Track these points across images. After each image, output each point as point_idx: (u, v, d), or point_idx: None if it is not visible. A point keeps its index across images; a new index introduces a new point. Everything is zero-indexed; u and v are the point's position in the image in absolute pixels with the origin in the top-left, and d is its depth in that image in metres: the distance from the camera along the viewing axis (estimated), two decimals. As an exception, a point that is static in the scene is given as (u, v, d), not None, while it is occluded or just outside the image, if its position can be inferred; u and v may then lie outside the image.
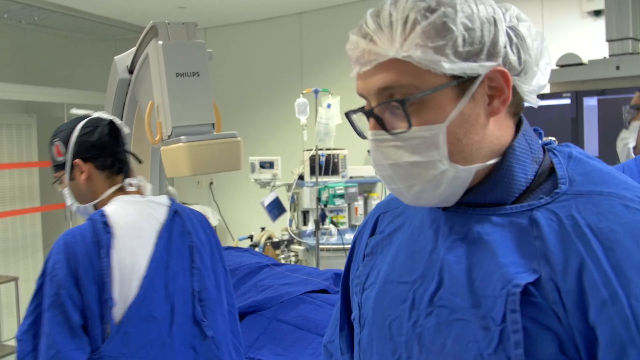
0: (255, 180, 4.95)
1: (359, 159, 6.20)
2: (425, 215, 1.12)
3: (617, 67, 3.30)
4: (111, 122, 2.23)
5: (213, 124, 3.03)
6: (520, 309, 0.90)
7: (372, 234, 1.24)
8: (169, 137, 2.90)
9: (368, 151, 5.49)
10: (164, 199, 2.27)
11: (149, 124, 2.96)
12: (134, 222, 2.06)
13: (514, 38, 1.02)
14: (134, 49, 3.25)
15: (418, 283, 1.05)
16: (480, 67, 0.98)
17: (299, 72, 6.86)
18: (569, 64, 3.59)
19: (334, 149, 4.90)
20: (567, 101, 3.45)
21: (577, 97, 3.41)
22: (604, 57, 3.42)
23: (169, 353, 1.99)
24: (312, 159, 4.97)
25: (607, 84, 3.37)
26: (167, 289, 2.04)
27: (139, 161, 2.41)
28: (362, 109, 1.07)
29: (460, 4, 0.98)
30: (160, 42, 2.90)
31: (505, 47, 1.01)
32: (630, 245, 0.87)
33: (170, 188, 4.00)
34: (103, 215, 2.00)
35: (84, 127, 2.13)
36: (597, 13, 5.13)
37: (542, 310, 0.90)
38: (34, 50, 6.91)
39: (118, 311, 1.93)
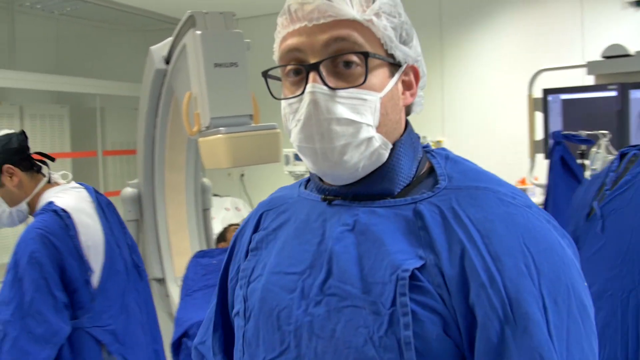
0: (290, 172, 4.91)
1: (393, 151, 6.15)
2: (311, 210, 1.14)
3: (667, 59, 3.23)
4: (22, 132, 2.44)
5: (251, 115, 2.99)
6: (408, 293, 0.95)
7: (255, 231, 1.25)
8: (207, 128, 2.87)
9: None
10: (74, 184, 2.54)
11: (187, 115, 2.93)
12: (78, 204, 2.40)
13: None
14: (170, 39, 3.22)
15: (307, 273, 1.07)
16: (408, 57, 1.10)
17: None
18: (614, 55, 3.50)
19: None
20: (613, 93, 3.36)
21: (623, 89, 3.33)
22: (652, 49, 3.35)
23: (130, 295, 2.49)
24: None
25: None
26: (118, 247, 2.49)
27: (52, 160, 2.56)
28: (299, 64, 1.06)
29: None
30: (199, 32, 2.87)
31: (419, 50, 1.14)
32: (504, 232, 0.95)
33: (205, 180, 3.98)
34: (57, 205, 2.31)
35: (0, 139, 2.35)
36: (639, 3, 5.01)
37: (428, 293, 0.95)
38: (65, 41, 6.93)
39: (95, 276, 2.35)
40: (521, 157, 4.84)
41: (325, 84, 1.02)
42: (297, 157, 4.88)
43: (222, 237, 3.86)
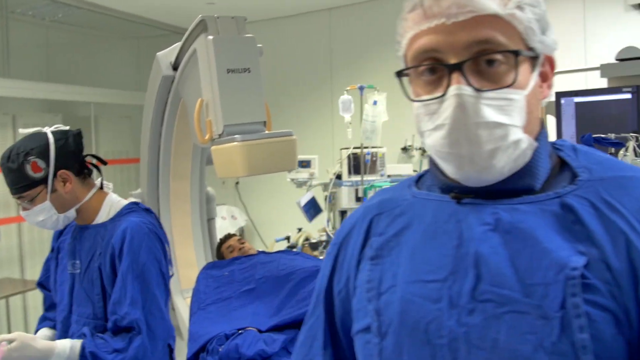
0: (292, 179, 4.82)
1: (394, 157, 6.08)
2: (437, 210, 1.06)
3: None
4: (79, 131, 2.31)
5: (264, 122, 2.91)
6: (580, 293, 0.89)
7: (367, 238, 1.15)
8: (220, 136, 2.79)
9: (403, 149, 5.29)
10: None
11: (199, 122, 2.85)
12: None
13: None
14: (178, 44, 3.14)
15: (450, 280, 0.99)
16: (547, 47, 1.02)
17: (328, 68, 6.74)
18: (629, 57, 3.46)
19: (372, 147, 4.77)
20: (628, 96, 3.33)
21: (639, 92, 3.29)
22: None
23: None
24: (350, 158, 4.84)
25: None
26: None
27: (104, 163, 2.45)
28: (440, 63, 0.98)
29: None
30: (211, 37, 2.79)
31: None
32: None
33: (209, 188, 3.90)
34: (149, 210, 2.35)
35: (56, 140, 2.19)
36: (642, 6, 5.00)
37: (598, 291, 0.89)
38: (56, 48, 6.81)
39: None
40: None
41: (470, 85, 0.95)
42: (299, 164, 4.79)
43: (219, 255, 3.75)
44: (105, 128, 6.65)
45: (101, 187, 2.35)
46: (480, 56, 0.96)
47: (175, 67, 3.19)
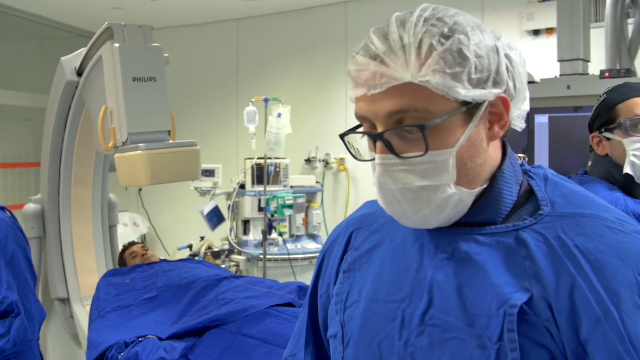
0: (196, 188, 4.83)
1: (297, 168, 6.17)
2: (407, 233, 1.11)
3: (568, 87, 3.38)
4: None
5: (169, 132, 2.93)
6: (516, 329, 0.93)
7: (346, 250, 1.22)
8: (124, 143, 2.79)
9: (307, 160, 5.35)
10: None
11: (102, 130, 2.83)
12: None
13: (509, 66, 1.05)
14: (83, 49, 3.11)
15: (406, 302, 1.05)
16: (488, 93, 1.00)
17: (234, 79, 6.77)
18: (521, 80, 3.65)
19: (275, 158, 4.84)
20: (518, 117, 3.51)
21: (529, 114, 3.46)
22: (555, 77, 3.49)
23: None
24: (254, 168, 4.90)
25: (557, 102, 3.44)
26: None
27: None
28: (365, 132, 1.04)
29: (470, 31, 0.99)
30: (117, 45, 2.78)
31: (506, 75, 1.04)
32: (617, 264, 0.92)
33: (111, 195, 3.86)
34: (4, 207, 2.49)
35: None
36: (536, 32, 5.26)
37: (536, 328, 0.93)
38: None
39: None
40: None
41: (393, 152, 1.00)
42: (202, 173, 4.81)
43: (121, 261, 3.74)
44: (5, 130, 6.46)
45: None
46: (397, 127, 0.99)
47: (79, 73, 3.16)
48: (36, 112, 6.18)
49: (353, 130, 1.07)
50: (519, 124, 1.10)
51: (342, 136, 1.08)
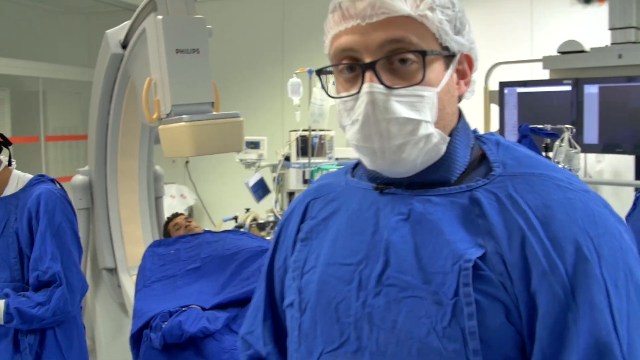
0: (241, 160, 4.85)
1: (343, 141, 6.14)
2: (362, 198, 1.14)
3: (620, 56, 3.30)
4: None
5: (212, 103, 2.94)
6: (471, 283, 0.95)
7: (302, 220, 1.24)
8: (168, 115, 2.81)
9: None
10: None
11: (147, 102, 2.86)
12: None
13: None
14: (127, 22, 3.13)
15: (363, 264, 1.07)
16: (464, 45, 1.07)
17: (280, 50, 6.75)
18: (570, 50, 3.57)
19: (319, 130, 4.82)
20: (568, 88, 3.43)
21: (578, 84, 3.39)
22: (606, 45, 3.41)
23: None
24: (299, 140, 4.89)
25: (608, 72, 3.36)
26: None
27: (9, 143, 2.63)
28: (357, 63, 1.04)
29: None
30: (160, 17, 2.79)
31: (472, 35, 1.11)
32: (563, 218, 0.95)
33: (157, 167, 3.90)
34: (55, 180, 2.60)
35: None
36: (587, 0, 5.13)
37: (490, 282, 0.95)
38: (5, 22, 6.69)
39: None
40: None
41: (382, 83, 1.00)
42: (247, 145, 4.82)
43: (166, 232, 3.78)
44: (54, 104, 6.57)
45: (9, 164, 2.56)
46: (392, 55, 1.01)
47: (124, 46, 3.19)
48: (85, 85, 6.25)
49: (339, 63, 1.06)
50: (468, 95, 1.15)
51: (318, 73, 1.13)
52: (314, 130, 4.66)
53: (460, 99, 1.14)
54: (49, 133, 6.50)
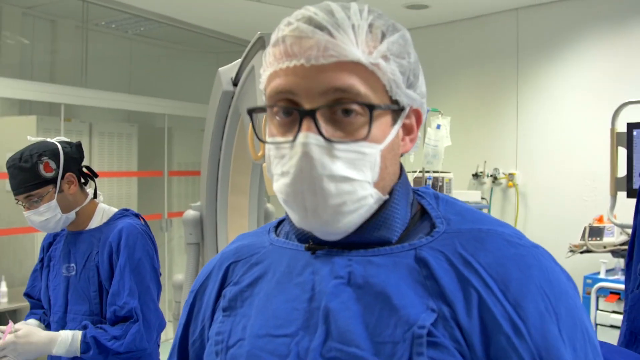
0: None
1: (464, 184, 5.97)
2: (292, 260, 1.02)
3: None
4: (79, 143, 2.54)
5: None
6: (425, 352, 0.87)
7: (222, 287, 1.11)
8: (272, 153, 2.78)
9: (474, 175, 5.18)
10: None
11: (252, 139, 2.85)
12: None
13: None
14: (239, 60, 3.16)
15: (300, 335, 0.95)
16: (415, 99, 0.99)
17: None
18: None
19: (439, 172, 4.69)
20: None
21: None
22: None
23: None
24: (416, 181, 4.77)
25: None
26: None
27: (96, 175, 2.61)
28: (295, 108, 0.93)
29: (407, 33, 0.99)
30: (267, 54, 2.79)
31: (424, 89, 1.03)
32: (520, 277, 0.89)
33: (268, 205, 3.89)
34: (139, 215, 2.58)
35: (63, 146, 2.42)
36: None
37: (446, 350, 0.87)
38: (138, 61, 7.00)
39: None
40: (598, 194, 4.63)
41: (321, 134, 0.90)
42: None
43: None
44: (179, 139, 6.79)
45: (94, 197, 2.57)
46: (336, 105, 0.91)
47: (235, 83, 3.21)
48: (209, 122, 6.43)
49: (274, 105, 0.94)
50: (412, 150, 1.06)
51: (250, 112, 1.00)
52: (427, 171, 4.54)
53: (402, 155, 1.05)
54: (173, 168, 6.71)
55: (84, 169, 2.53)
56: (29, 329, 2.28)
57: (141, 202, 6.26)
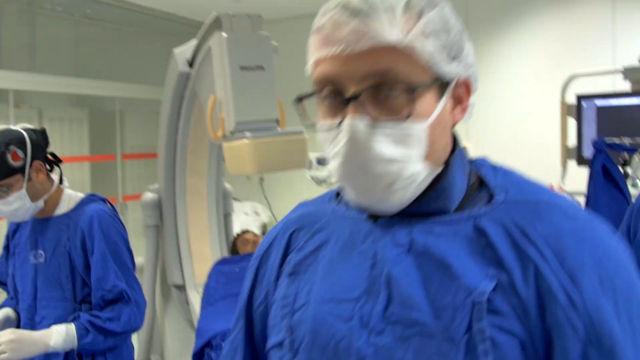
0: (312, 177, 4.83)
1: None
2: (354, 228, 1.05)
3: None
4: (44, 130, 2.50)
5: (277, 120, 2.91)
6: (485, 318, 0.89)
7: (286, 252, 1.13)
8: (232, 133, 2.80)
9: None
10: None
11: (211, 119, 2.86)
12: None
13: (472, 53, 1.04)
14: (194, 41, 3.15)
15: (363, 300, 0.98)
16: (461, 71, 0.99)
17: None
18: (652, 60, 3.39)
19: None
20: (651, 100, 3.26)
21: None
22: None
23: None
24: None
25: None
26: None
27: (60, 161, 2.55)
28: (335, 93, 0.95)
29: (448, 8, 0.98)
30: (225, 35, 2.80)
31: (471, 58, 1.02)
32: (578, 249, 0.90)
33: (226, 185, 3.91)
34: (106, 200, 2.55)
35: (28, 134, 2.37)
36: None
37: (504, 316, 0.89)
38: (86, 44, 6.89)
39: None
40: (550, 164, 4.73)
41: (365, 118, 0.92)
42: (319, 162, 4.79)
43: (233, 248, 3.77)
44: (131, 122, 6.72)
45: (60, 182, 2.53)
46: (377, 88, 0.92)
47: (191, 64, 3.21)
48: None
49: (320, 91, 0.98)
50: (466, 118, 1.06)
51: (298, 101, 1.02)
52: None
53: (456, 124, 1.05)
54: (126, 151, 6.65)
55: (49, 156, 2.49)
56: (17, 330, 2.27)
57: (95, 187, 6.18)
